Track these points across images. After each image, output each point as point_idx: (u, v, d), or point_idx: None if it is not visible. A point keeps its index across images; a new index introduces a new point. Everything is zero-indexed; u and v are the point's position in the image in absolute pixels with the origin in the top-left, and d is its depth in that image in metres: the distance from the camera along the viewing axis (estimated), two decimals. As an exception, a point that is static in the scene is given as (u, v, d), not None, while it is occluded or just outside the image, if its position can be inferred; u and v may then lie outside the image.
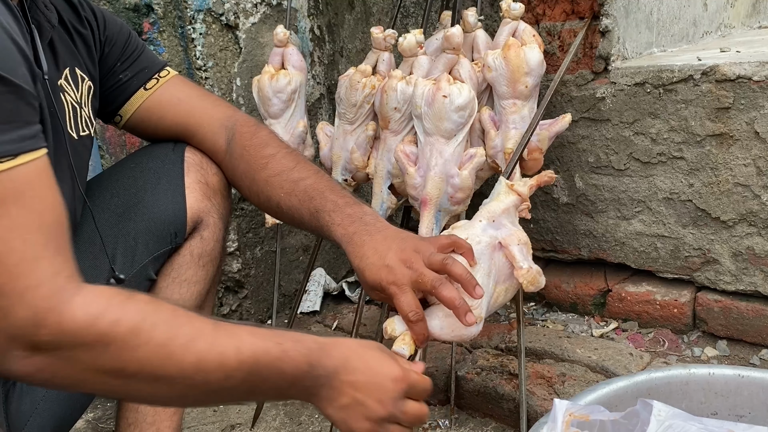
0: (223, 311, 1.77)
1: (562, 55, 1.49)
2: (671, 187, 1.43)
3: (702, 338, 1.48)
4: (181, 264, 0.99)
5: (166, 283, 0.99)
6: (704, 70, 1.33)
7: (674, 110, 1.38)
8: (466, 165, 1.24)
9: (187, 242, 1.00)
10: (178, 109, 1.04)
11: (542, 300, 1.70)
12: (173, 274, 0.99)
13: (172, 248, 0.99)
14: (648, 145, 1.43)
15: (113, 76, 1.02)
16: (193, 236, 1.00)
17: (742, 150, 1.32)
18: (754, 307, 1.40)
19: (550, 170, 1.05)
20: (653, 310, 1.52)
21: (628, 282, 1.57)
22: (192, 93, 1.07)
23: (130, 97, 1.04)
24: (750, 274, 1.38)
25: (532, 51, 1.25)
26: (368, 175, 1.39)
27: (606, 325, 1.57)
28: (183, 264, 0.99)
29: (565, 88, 1.50)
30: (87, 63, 0.97)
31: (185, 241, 1.00)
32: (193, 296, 1.01)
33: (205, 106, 1.05)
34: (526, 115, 1.27)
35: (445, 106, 1.20)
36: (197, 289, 1.01)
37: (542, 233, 1.66)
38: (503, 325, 1.60)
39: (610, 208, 1.53)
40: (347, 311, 1.81)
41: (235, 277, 1.75)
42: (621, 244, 1.54)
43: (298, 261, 1.91)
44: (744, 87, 1.29)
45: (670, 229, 1.46)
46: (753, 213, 1.34)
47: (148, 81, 1.04)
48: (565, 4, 1.47)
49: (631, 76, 1.41)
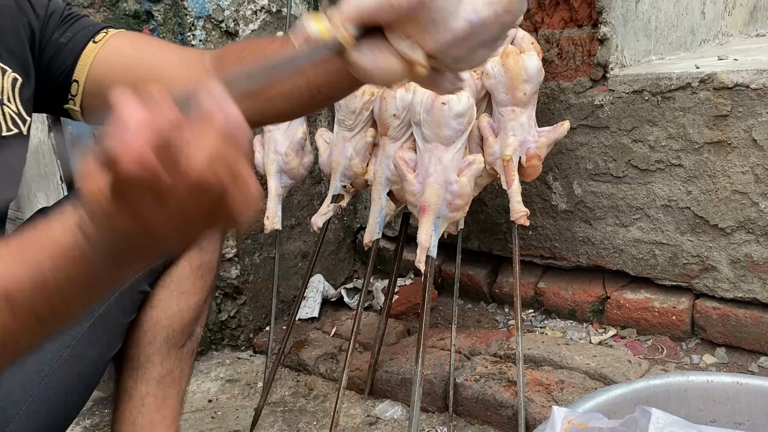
0: (221, 318, 1.77)
1: (560, 62, 1.50)
2: (669, 195, 1.43)
3: (700, 345, 1.48)
4: (180, 276, 0.98)
5: (165, 295, 0.98)
6: (702, 77, 1.33)
7: (672, 118, 1.38)
8: (464, 172, 1.24)
9: (185, 253, 0.99)
10: (143, 52, 0.85)
11: (541, 307, 1.70)
12: (172, 286, 0.98)
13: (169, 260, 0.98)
14: (646, 153, 1.43)
15: (53, 45, 0.86)
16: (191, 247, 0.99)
17: (740, 157, 1.33)
18: (753, 315, 1.40)
19: None
20: (651, 317, 1.52)
21: (627, 289, 1.57)
22: (151, 39, 0.90)
23: (79, 55, 0.84)
24: (748, 281, 1.38)
25: (530, 59, 1.25)
26: (367, 181, 1.39)
27: (604, 332, 1.57)
28: (182, 276, 0.99)
29: (564, 95, 1.51)
30: (7, 52, 0.82)
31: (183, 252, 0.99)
32: (190, 307, 1.00)
33: (172, 47, 0.89)
34: (525, 122, 1.28)
35: (443, 112, 1.21)
36: (195, 300, 1.01)
37: (541, 240, 1.66)
38: (502, 332, 1.60)
39: (608, 215, 1.53)
40: (346, 318, 1.81)
41: (233, 284, 1.75)
42: (619, 251, 1.54)
43: (297, 267, 1.91)
44: (742, 95, 1.29)
45: (669, 236, 1.46)
46: (751, 220, 1.34)
47: (96, 35, 0.86)
48: (563, 12, 1.48)
49: (630, 84, 1.42)
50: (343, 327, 1.77)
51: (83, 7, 1.51)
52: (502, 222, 1.70)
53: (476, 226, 1.76)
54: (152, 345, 0.97)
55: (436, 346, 1.56)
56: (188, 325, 1.00)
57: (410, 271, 1.90)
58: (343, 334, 1.74)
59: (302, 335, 1.76)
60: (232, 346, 1.82)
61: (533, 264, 1.71)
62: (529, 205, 1.47)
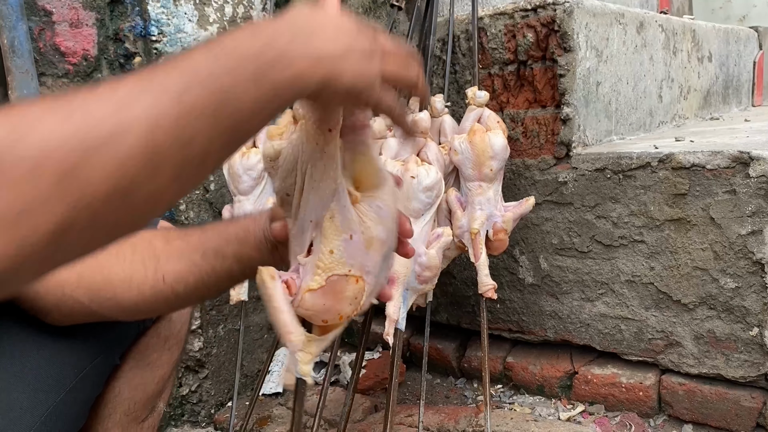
0: (182, 392, 1.71)
1: (525, 140, 1.55)
2: (633, 270, 1.46)
3: (668, 422, 1.47)
4: (147, 346, 0.95)
5: (130, 365, 0.95)
6: (661, 157, 1.38)
7: (634, 195, 1.43)
8: (433, 244, 1.25)
9: (154, 323, 0.96)
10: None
11: (509, 382, 1.69)
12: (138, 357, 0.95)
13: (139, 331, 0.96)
14: (610, 229, 1.47)
15: None
16: (162, 317, 0.97)
17: (699, 235, 1.36)
18: (717, 391, 1.40)
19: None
20: (619, 393, 1.51)
21: (594, 364, 1.57)
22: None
23: None
24: (712, 357, 1.39)
25: (496, 137, 1.29)
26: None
27: (573, 408, 1.55)
28: (149, 346, 0.95)
29: (529, 172, 1.55)
30: None
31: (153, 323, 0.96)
32: (155, 380, 0.97)
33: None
34: (492, 197, 1.30)
35: (413, 186, 1.23)
36: (160, 372, 0.98)
37: (509, 314, 1.66)
38: (470, 408, 1.58)
39: (574, 289, 1.55)
40: (311, 393, 1.77)
41: (196, 356, 1.70)
42: (586, 326, 1.55)
43: (263, 339, 1.87)
44: (698, 174, 1.34)
45: (634, 311, 1.47)
46: (712, 296, 1.37)
47: None
48: (528, 94, 1.54)
49: (592, 162, 1.47)
50: (308, 403, 1.72)
51: (57, 77, 1.52)
52: (470, 295, 1.71)
53: (445, 298, 1.76)
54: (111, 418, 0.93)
55: (404, 423, 1.52)
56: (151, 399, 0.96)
57: (378, 344, 1.87)
58: (308, 410, 1.69)
59: (266, 411, 1.70)
60: (192, 422, 1.75)
61: (501, 338, 1.71)
62: (496, 279, 1.48)
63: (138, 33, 1.61)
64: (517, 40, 1.52)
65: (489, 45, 1.56)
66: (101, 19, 1.59)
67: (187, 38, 1.67)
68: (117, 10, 1.61)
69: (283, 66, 0.50)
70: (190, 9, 1.67)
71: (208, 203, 1.73)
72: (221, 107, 0.48)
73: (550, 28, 1.47)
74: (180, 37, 1.65)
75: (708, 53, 2.30)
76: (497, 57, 1.56)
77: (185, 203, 1.68)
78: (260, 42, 0.50)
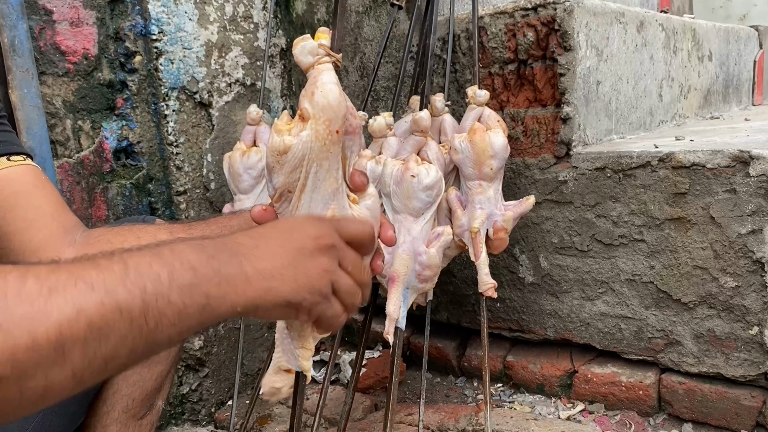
0: (182, 391, 1.71)
1: (525, 140, 1.55)
2: (633, 269, 1.46)
3: (668, 421, 1.47)
4: None
5: None
6: (661, 156, 1.38)
7: (634, 194, 1.43)
8: (433, 243, 1.25)
9: None
10: (34, 195, 0.85)
11: (509, 381, 1.69)
12: None
13: None
14: (610, 228, 1.47)
15: None
16: None
17: (699, 234, 1.37)
18: (717, 390, 1.41)
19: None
20: (619, 391, 1.51)
21: (594, 363, 1.57)
22: (46, 186, 0.88)
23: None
24: (712, 356, 1.40)
25: (496, 136, 1.29)
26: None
27: (573, 407, 1.55)
28: None
29: (529, 171, 1.55)
30: None
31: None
32: (153, 376, 0.97)
33: (60, 208, 0.87)
34: (492, 196, 1.30)
35: (413, 185, 1.23)
36: (159, 369, 0.98)
37: (509, 312, 1.66)
38: (470, 407, 1.58)
39: (574, 288, 1.55)
40: (311, 392, 1.77)
41: (196, 355, 1.70)
42: (586, 325, 1.55)
43: (263, 338, 1.87)
44: (698, 174, 1.34)
45: (633, 310, 1.48)
46: (712, 295, 1.37)
47: (13, 155, 0.86)
48: (528, 93, 1.54)
49: (592, 161, 1.47)
50: (308, 402, 1.72)
51: (58, 76, 1.52)
52: (470, 294, 1.71)
53: (445, 297, 1.76)
54: (110, 415, 0.93)
55: (404, 422, 1.52)
56: (149, 396, 0.97)
57: (378, 343, 1.87)
58: (308, 409, 1.69)
59: (266, 410, 1.71)
60: (193, 420, 1.75)
61: (502, 337, 1.71)
62: (496, 278, 1.49)
63: (138, 32, 1.61)
64: (518, 39, 1.52)
65: (489, 44, 1.56)
66: (102, 18, 1.59)
67: (187, 37, 1.67)
68: (117, 9, 1.61)
69: (216, 283, 0.53)
70: (190, 8, 1.67)
71: (208, 202, 1.73)
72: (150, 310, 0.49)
73: (550, 27, 1.47)
74: (180, 36, 1.65)
75: (708, 52, 2.30)
76: (497, 56, 1.56)
77: (186, 202, 1.69)
78: (205, 255, 0.53)
